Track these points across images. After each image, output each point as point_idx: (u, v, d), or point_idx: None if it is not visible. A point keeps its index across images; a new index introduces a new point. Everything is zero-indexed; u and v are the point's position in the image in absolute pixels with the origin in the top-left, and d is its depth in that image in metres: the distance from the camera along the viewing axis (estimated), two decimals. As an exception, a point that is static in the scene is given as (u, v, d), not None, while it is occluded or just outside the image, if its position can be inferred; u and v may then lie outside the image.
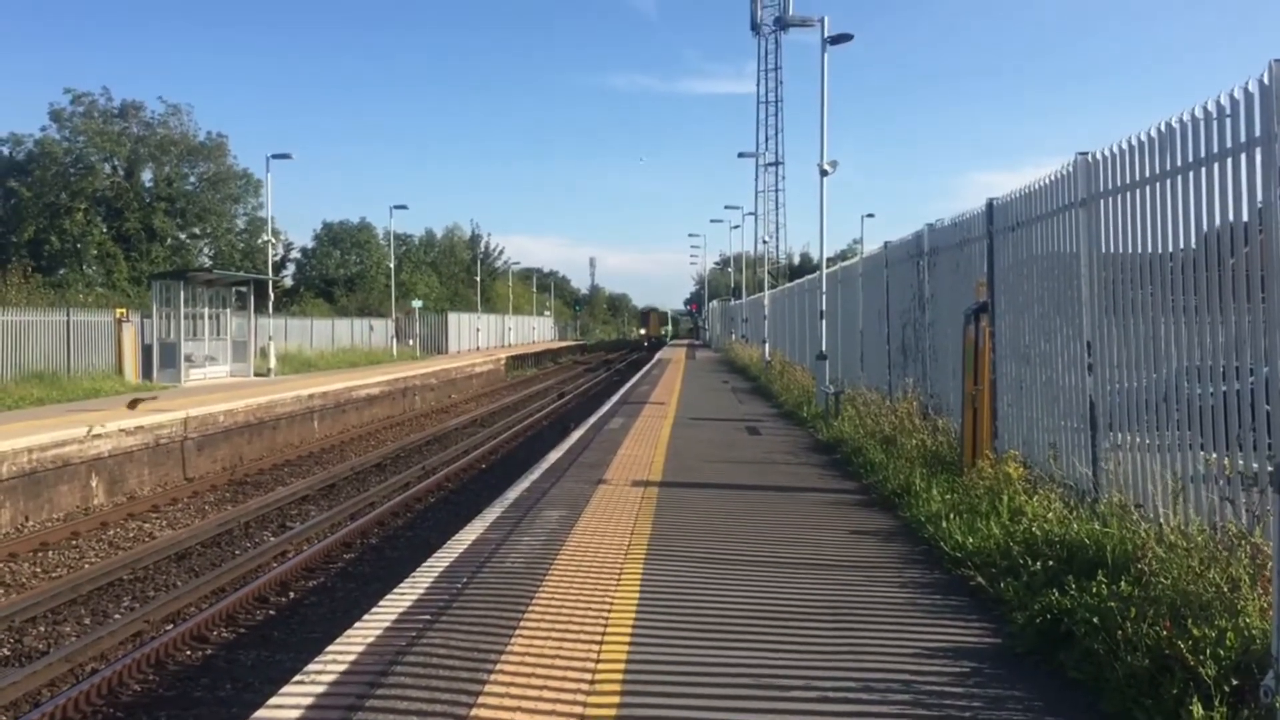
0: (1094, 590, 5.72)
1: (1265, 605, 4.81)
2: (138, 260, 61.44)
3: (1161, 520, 6.61)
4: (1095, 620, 5.39)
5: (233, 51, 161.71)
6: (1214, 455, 6.47)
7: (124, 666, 9.23)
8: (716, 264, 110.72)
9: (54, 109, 62.36)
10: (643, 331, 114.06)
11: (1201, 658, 4.59)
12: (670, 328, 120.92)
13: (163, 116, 65.96)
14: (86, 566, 13.28)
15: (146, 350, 31.33)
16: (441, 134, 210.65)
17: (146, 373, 30.92)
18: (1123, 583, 5.68)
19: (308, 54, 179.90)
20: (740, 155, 70.68)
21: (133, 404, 21.64)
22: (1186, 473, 6.85)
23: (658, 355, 58.86)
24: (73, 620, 11.09)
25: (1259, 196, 6.06)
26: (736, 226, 67.22)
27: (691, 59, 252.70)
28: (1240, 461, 6.22)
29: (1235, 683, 4.47)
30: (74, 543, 14.67)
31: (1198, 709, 4.30)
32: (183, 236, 67.19)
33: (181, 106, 67.18)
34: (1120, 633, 5.10)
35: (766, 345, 38.27)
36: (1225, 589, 5.19)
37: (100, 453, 17.77)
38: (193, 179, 67.91)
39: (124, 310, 32.61)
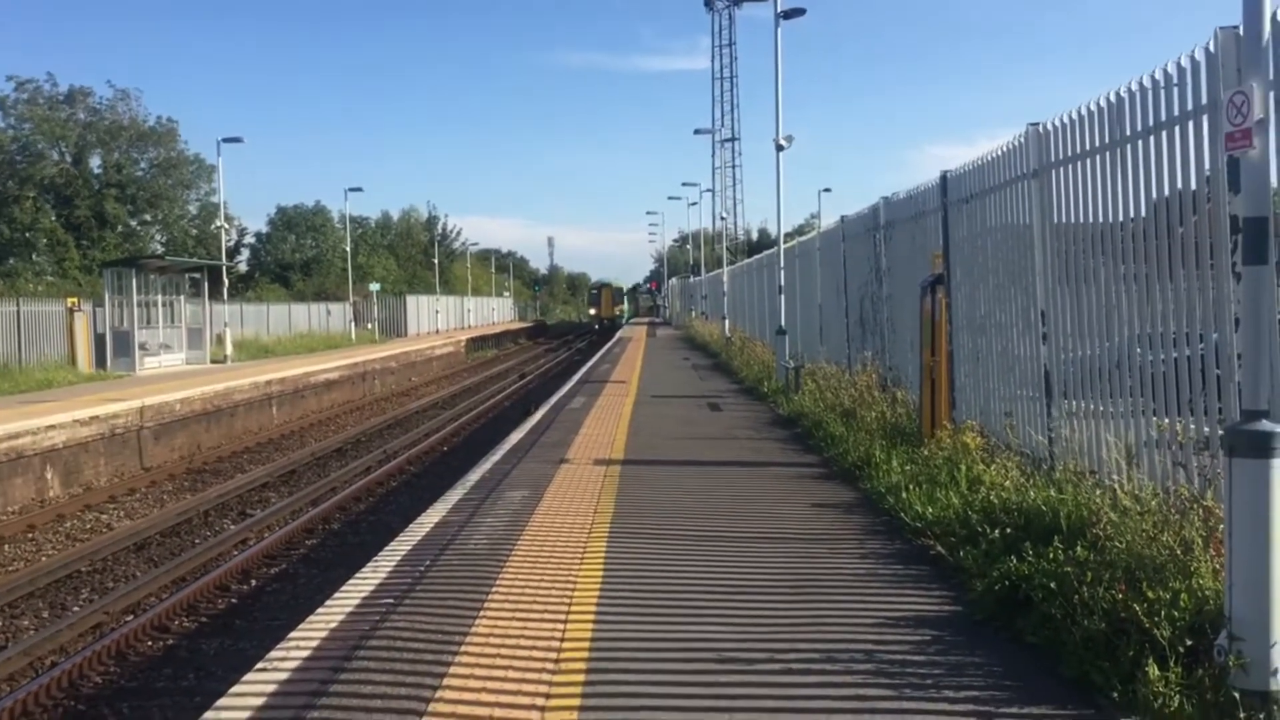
0: (1051, 556, 5.79)
1: (1218, 567, 4.89)
2: (89, 248, 60.54)
3: (1115, 486, 6.70)
4: (1052, 585, 5.47)
5: (182, 36, 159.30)
6: (1166, 420, 6.56)
7: (84, 659, 9.14)
8: (675, 241, 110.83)
9: (-2, 96, 61.19)
10: (593, 312, 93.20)
11: (1156, 619, 4.67)
12: (627, 306, 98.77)
13: (111, 102, 65.01)
14: (43, 559, 13.11)
15: (100, 339, 30.88)
16: (396, 116, 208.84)
17: (100, 362, 30.49)
18: (1079, 548, 5.76)
19: (258, 38, 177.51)
20: (696, 132, 70.58)
21: None
22: (1139, 438, 6.94)
23: (617, 334, 58.44)
24: (30, 614, 10.96)
25: (1206, 164, 6.13)
26: (694, 203, 67.54)
27: (646, 36, 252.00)
28: (1192, 426, 6.31)
29: (1190, 643, 4.55)
30: (30, 535, 14.47)
31: (1153, 670, 4.38)
32: (134, 223, 66.25)
33: (130, 91, 66.32)
34: (1077, 597, 5.18)
35: (726, 322, 38.36)
36: (1179, 551, 5.28)
37: (55, 444, 17.52)
38: (143, 165, 66.96)
39: (76, 299, 32.12)
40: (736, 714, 4.62)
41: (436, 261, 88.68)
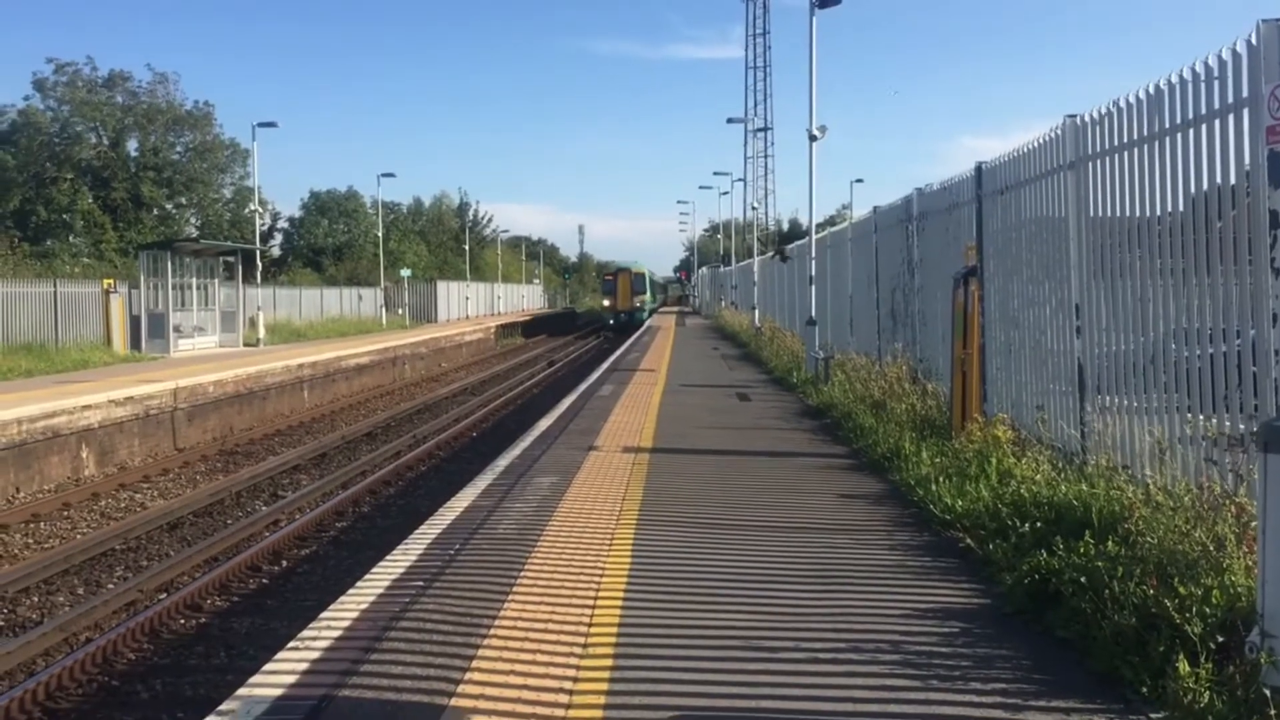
0: (1081, 550, 5.77)
1: (1250, 563, 4.86)
2: (125, 230, 61.07)
3: (1148, 481, 6.65)
4: (1082, 580, 5.44)
5: (218, 20, 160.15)
6: (1200, 417, 6.51)
7: (118, 635, 9.26)
8: (706, 231, 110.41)
9: (37, 78, 61.78)
10: (606, 304, 70.61)
11: (1187, 615, 4.64)
12: (650, 296, 75.24)
13: (149, 85, 65.42)
14: (79, 537, 13.29)
15: (135, 321, 31.21)
16: (428, 102, 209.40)
17: (135, 343, 30.81)
18: (1110, 543, 5.73)
19: (294, 22, 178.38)
20: (729, 121, 70.00)
21: None
22: (1173, 434, 6.89)
23: (646, 324, 58.08)
24: (66, 590, 11.12)
25: (1246, 159, 6.07)
26: (726, 193, 67.08)
27: (676, 24, 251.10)
28: (1226, 422, 6.26)
29: (1221, 640, 4.52)
30: (65, 513, 14.68)
31: (1184, 666, 4.35)
32: (170, 206, 66.77)
33: (168, 75, 66.60)
34: (1107, 592, 5.15)
35: (756, 312, 38.28)
36: (1211, 548, 5.24)
37: (90, 424, 17.74)
38: (179, 148, 67.41)
39: (111, 281, 32.46)
40: (762, 700, 4.63)
41: (467, 248, 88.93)
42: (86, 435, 17.65)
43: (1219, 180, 6.38)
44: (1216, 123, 6.35)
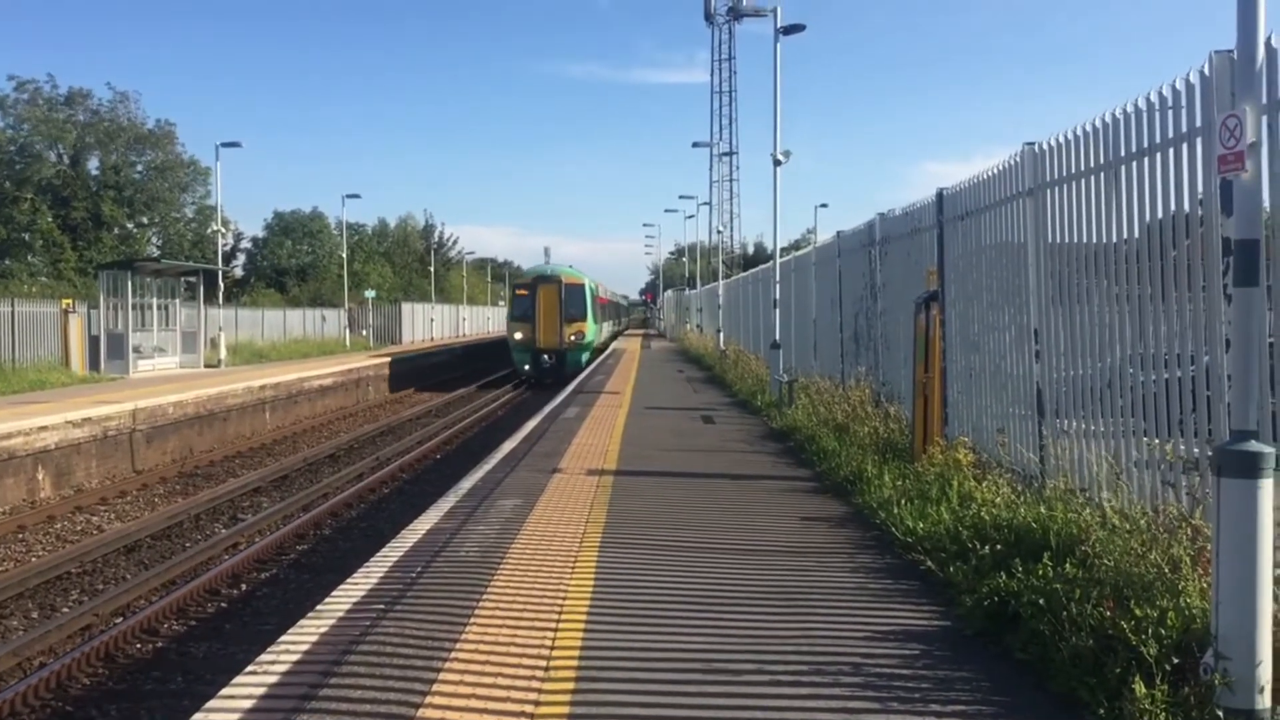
0: (1040, 573, 5.83)
1: (1205, 585, 4.92)
2: (85, 249, 60.46)
3: (1105, 504, 6.73)
4: (1041, 602, 5.50)
5: (180, 39, 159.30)
6: (1156, 440, 6.60)
7: (73, 660, 9.12)
8: (671, 254, 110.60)
9: (-3, 96, 61.19)
10: (518, 336, 41.98)
11: (1144, 637, 4.70)
12: (592, 322, 43.55)
13: (110, 104, 64.96)
14: (34, 560, 13.08)
15: (94, 341, 30.81)
16: (394, 123, 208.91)
17: (94, 364, 30.42)
18: (1068, 565, 5.79)
19: (257, 42, 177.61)
20: (695, 145, 70.29)
21: None
22: (1129, 457, 6.98)
23: (612, 346, 57.72)
24: (20, 614, 10.93)
25: (1200, 187, 6.18)
26: (691, 216, 67.56)
27: (644, 48, 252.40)
28: (1181, 446, 6.35)
29: (1176, 661, 4.58)
30: (20, 536, 14.44)
31: (1140, 687, 4.40)
32: (131, 226, 66.16)
33: (129, 94, 66.22)
34: (1065, 614, 5.20)
35: (721, 335, 38.39)
36: (1166, 570, 5.31)
37: (47, 445, 17.48)
38: (140, 167, 66.93)
39: (70, 301, 32.05)
40: (724, 724, 4.63)
41: (432, 269, 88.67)
42: (43, 457, 17.39)
43: (1174, 208, 6.49)
44: (1171, 151, 6.47)
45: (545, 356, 40.56)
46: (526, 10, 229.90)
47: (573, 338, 41.03)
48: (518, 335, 41.35)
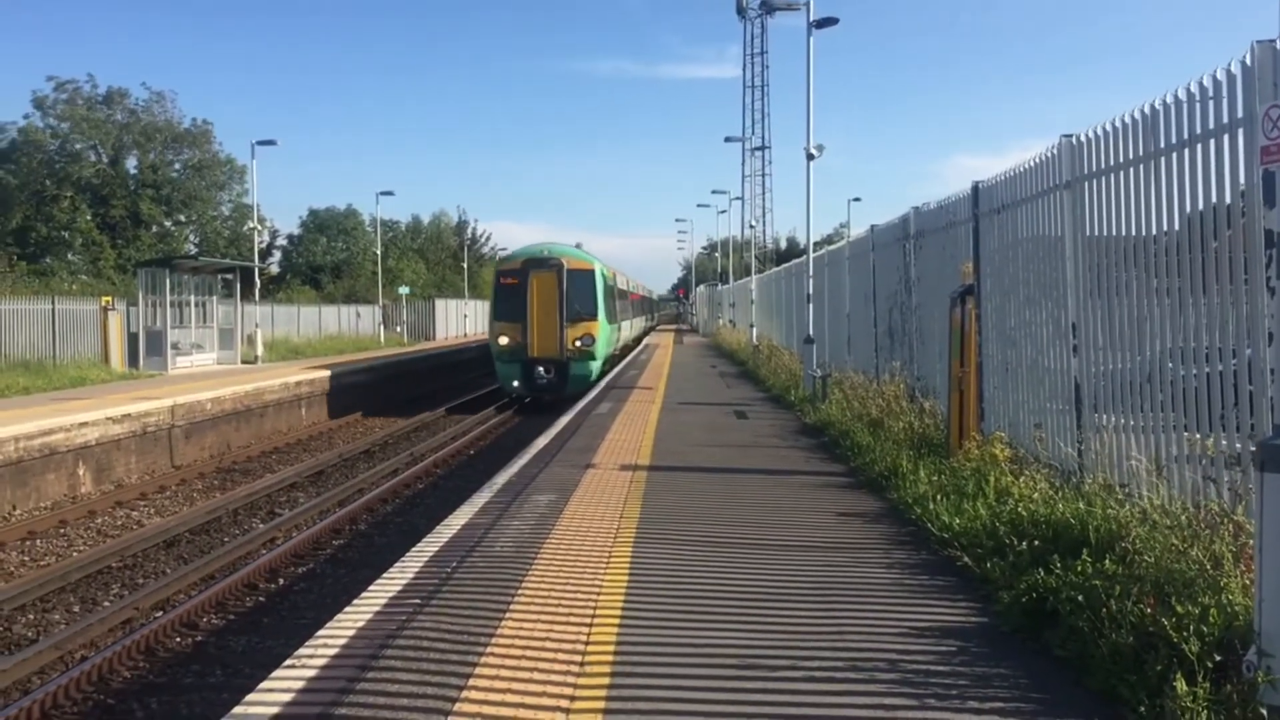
0: (1079, 569, 5.77)
1: (1247, 582, 4.86)
2: (124, 247, 61.24)
3: (1145, 500, 6.66)
4: (1080, 598, 5.44)
5: (216, 38, 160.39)
6: (1197, 435, 6.52)
7: (114, 654, 9.24)
8: (704, 249, 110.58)
9: (37, 96, 62.08)
10: (503, 341, 30.82)
11: (1185, 634, 4.64)
12: (607, 322, 33.04)
13: (147, 103, 65.71)
14: (75, 555, 13.26)
15: (132, 338, 31.20)
16: (427, 121, 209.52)
17: (133, 361, 30.80)
18: (1107, 561, 5.73)
19: (292, 40, 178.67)
20: (727, 140, 70.02)
21: None
22: (1170, 453, 6.90)
23: (644, 342, 57.68)
24: (62, 608, 11.09)
25: (1241, 178, 6.09)
26: (723, 211, 67.17)
27: (673, 44, 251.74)
28: (1223, 441, 6.27)
29: (1218, 659, 4.52)
30: (62, 531, 14.65)
31: (1181, 685, 4.35)
32: (168, 224, 66.98)
33: (166, 93, 67.06)
34: (1105, 610, 5.15)
35: (754, 330, 38.31)
36: (1208, 566, 5.25)
37: (87, 441, 17.71)
38: (178, 166, 67.67)
39: (109, 298, 32.46)
40: (759, 719, 4.63)
41: (465, 266, 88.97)
42: (83, 453, 17.62)
43: (1215, 200, 6.40)
44: (1212, 143, 6.38)
45: (540, 369, 30.33)
46: (550, 6, 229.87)
47: (578, 343, 30.43)
48: (502, 340, 30.52)
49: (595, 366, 30.68)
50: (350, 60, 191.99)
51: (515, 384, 30.62)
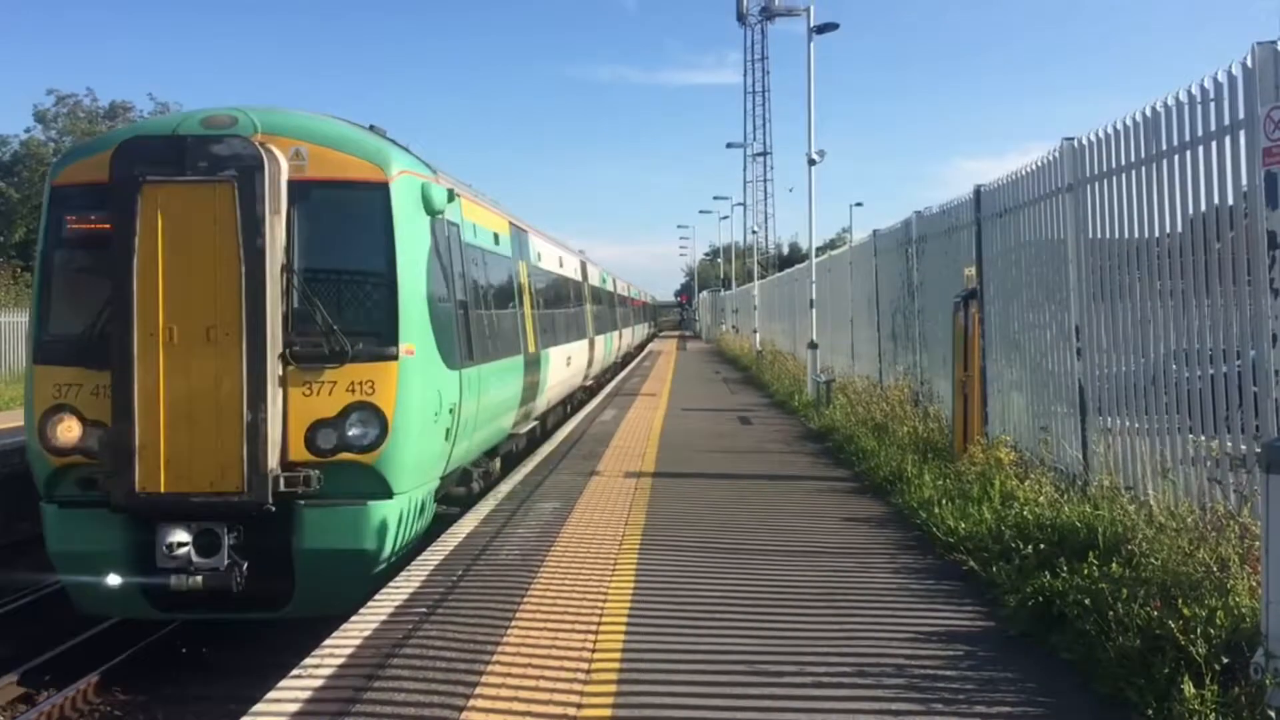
0: (1085, 572, 5.77)
1: (1254, 584, 4.85)
2: (126, 259, 61.21)
3: (1151, 502, 6.65)
4: (1087, 601, 5.44)
5: (216, 47, 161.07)
6: (1202, 437, 6.51)
7: (116, 662, 9.21)
8: (706, 255, 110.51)
9: (38, 110, 62.15)
10: (63, 438, 8.24)
11: (1192, 637, 4.63)
12: (431, 361, 9.02)
13: (152, 115, 65.75)
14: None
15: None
16: (427, 127, 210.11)
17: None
18: (1113, 564, 5.73)
19: (290, 46, 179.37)
20: (729, 146, 69.81)
21: None
22: (1175, 455, 6.89)
23: (648, 348, 57.71)
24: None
25: (1244, 180, 6.09)
26: (725, 217, 67.38)
27: (674, 50, 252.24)
28: (1228, 443, 6.26)
29: (1225, 661, 4.51)
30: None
31: (1189, 687, 4.34)
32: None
33: (170, 105, 66.96)
34: (1111, 613, 5.15)
35: (757, 335, 38.30)
36: (1214, 568, 5.24)
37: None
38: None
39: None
40: (767, 726, 4.62)
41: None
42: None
43: (1217, 202, 6.40)
44: (1214, 144, 6.38)
45: (180, 536, 8.21)
46: (549, 12, 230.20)
47: (331, 433, 8.39)
48: (60, 433, 8.54)
49: (389, 516, 8.75)
50: (349, 64, 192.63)
51: (106, 594, 8.67)
